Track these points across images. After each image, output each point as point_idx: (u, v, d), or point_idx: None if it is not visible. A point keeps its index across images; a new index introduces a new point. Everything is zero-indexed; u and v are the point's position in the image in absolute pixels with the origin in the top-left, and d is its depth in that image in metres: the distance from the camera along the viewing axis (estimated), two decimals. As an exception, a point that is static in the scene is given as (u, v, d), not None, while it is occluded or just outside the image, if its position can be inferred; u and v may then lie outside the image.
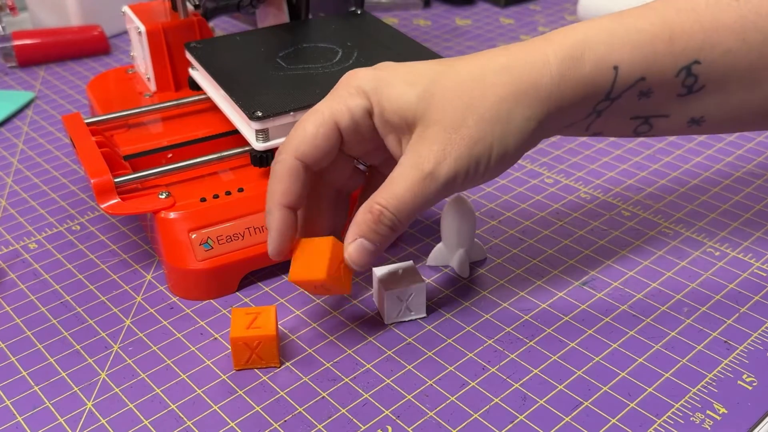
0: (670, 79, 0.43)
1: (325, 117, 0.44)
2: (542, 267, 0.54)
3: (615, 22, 0.43)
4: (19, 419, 0.44)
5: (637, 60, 0.42)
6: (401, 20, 0.97)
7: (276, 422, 0.44)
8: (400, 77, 0.43)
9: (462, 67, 0.44)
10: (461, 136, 0.42)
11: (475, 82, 0.42)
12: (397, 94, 0.43)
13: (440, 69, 0.44)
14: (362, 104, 0.43)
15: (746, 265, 0.54)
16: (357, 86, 0.44)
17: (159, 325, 0.51)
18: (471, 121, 0.42)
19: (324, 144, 0.44)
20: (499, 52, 0.44)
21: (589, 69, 0.42)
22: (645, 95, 0.43)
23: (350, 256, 0.44)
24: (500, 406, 0.44)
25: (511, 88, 0.42)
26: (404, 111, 0.43)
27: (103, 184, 0.51)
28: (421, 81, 0.43)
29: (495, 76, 0.43)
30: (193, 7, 0.64)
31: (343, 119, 0.44)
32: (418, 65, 0.45)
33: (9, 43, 0.86)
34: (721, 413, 0.43)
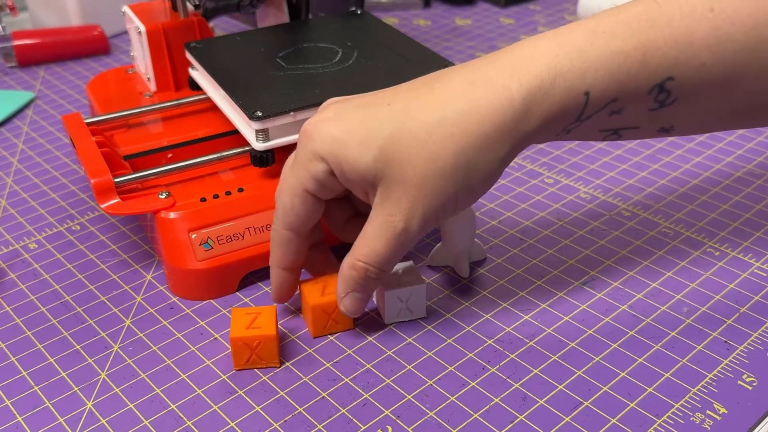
0: (642, 97, 0.42)
1: (295, 187, 0.45)
2: (542, 267, 0.54)
3: (587, 42, 0.41)
4: (19, 419, 0.44)
5: (610, 83, 0.41)
6: (401, 20, 0.97)
7: (276, 422, 0.44)
8: (354, 137, 0.42)
9: (419, 114, 0.42)
10: (425, 193, 0.42)
11: (432, 135, 0.41)
12: (353, 158, 0.42)
13: (396, 120, 0.42)
14: (322, 168, 0.43)
15: (746, 265, 0.54)
16: (313, 151, 0.43)
17: (159, 325, 0.51)
18: (432, 176, 0.42)
19: (304, 211, 0.45)
20: (458, 89, 0.42)
21: (559, 98, 0.41)
22: (616, 113, 0.42)
23: (346, 308, 0.47)
24: (500, 406, 0.44)
25: (472, 135, 0.41)
26: (363, 172, 0.42)
27: (103, 184, 0.51)
28: (376, 139, 0.42)
29: (453, 125, 0.41)
30: (193, 7, 0.64)
31: (309, 185, 0.44)
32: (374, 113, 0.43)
33: (9, 43, 0.86)
34: (721, 413, 0.43)
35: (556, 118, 0.42)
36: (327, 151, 0.43)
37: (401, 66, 0.58)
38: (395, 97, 0.44)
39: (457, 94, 0.42)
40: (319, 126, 0.44)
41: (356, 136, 0.42)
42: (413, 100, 0.43)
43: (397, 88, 0.45)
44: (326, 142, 0.43)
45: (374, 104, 0.43)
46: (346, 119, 0.43)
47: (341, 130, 0.43)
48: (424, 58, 0.59)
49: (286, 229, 0.46)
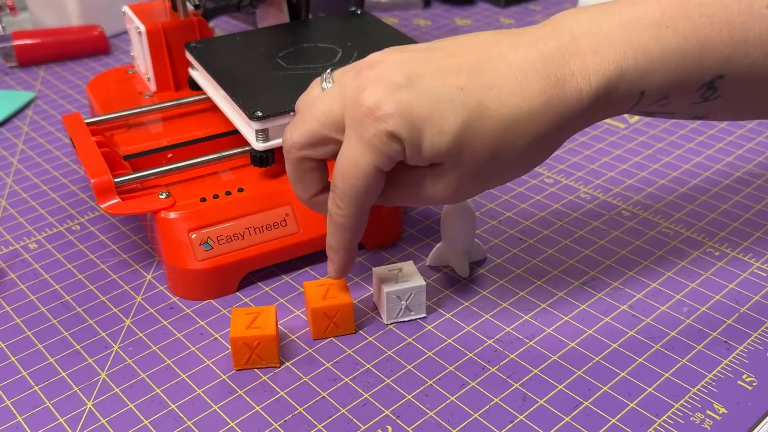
0: (690, 93, 0.42)
1: (369, 170, 0.42)
2: (542, 267, 0.54)
3: (653, 40, 0.40)
4: (19, 419, 0.44)
5: (665, 82, 0.41)
6: (401, 20, 0.97)
7: (276, 422, 0.44)
8: (431, 124, 0.41)
9: (495, 107, 0.41)
10: (481, 179, 0.43)
11: (506, 132, 0.41)
12: (429, 144, 0.41)
13: (471, 110, 0.41)
14: (398, 149, 0.42)
15: (746, 265, 0.54)
16: (389, 133, 0.41)
17: (159, 325, 0.51)
18: (493, 168, 0.42)
19: (377, 190, 0.44)
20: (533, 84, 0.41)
21: (618, 97, 0.41)
22: (661, 105, 0.43)
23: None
24: (500, 406, 0.44)
25: (540, 135, 0.41)
26: (434, 156, 0.42)
27: (103, 184, 0.51)
28: (451, 127, 0.41)
29: (527, 124, 0.41)
30: (193, 7, 0.64)
31: (385, 165, 0.43)
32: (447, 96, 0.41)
33: (9, 43, 0.86)
34: (721, 413, 0.43)
35: (609, 112, 0.42)
36: (404, 134, 0.41)
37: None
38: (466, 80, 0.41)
39: (532, 89, 0.41)
40: (389, 106, 0.41)
41: (433, 123, 0.41)
42: (487, 90, 0.41)
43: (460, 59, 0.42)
44: (402, 126, 0.41)
45: (445, 84, 0.41)
46: (419, 99, 0.41)
47: (417, 115, 0.41)
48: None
49: (359, 211, 0.44)
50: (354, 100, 0.42)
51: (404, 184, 0.44)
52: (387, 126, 0.41)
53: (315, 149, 0.44)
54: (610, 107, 0.42)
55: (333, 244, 0.47)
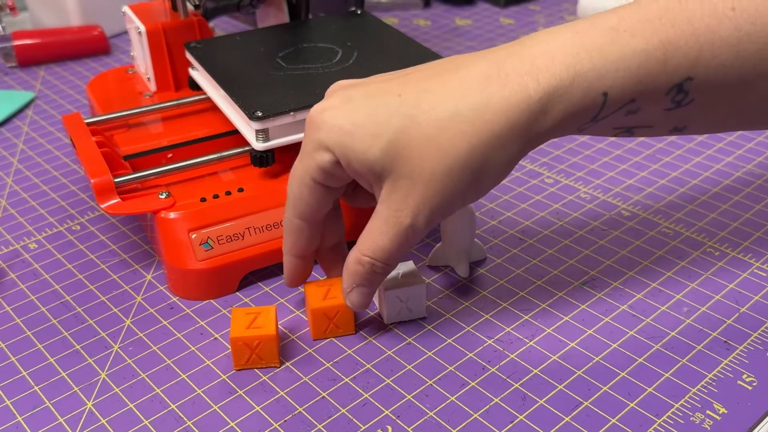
0: (660, 97, 0.41)
1: (303, 176, 0.44)
2: (542, 267, 0.54)
3: (609, 41, 0.40)
4: (19, 419, 0.44)
5: (629, 84, 0.40)
6: (401, 20, 0.97)
7: (276, 422, 0.44)
8: (362, 129, 0.41)
9: (430, 109, 0.41)
10: (433, 189, 0.41)
11: (443, 131, 0.40)
12: (360, 150, 0.41)
13: (406, 113, 0.41)
14: (328, 158, 0.42)
15: (746, 265, 0.54)
16: (319, 141, 0.42)
17: (159, 325, 0.51)
18: (441, 173, 0.41)
19: (312, 200, 0.45)
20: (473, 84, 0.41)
21: (576, 98, 0.40)
22: (632, 113, 0.42)
23: (353, 303, 0.47)
24: (500, 406, 0.44)
25: (484, 133, 0.40)
26: (371, 165, 0.41)
27: (103, 184, 0.51)
28: (385, 132, 0.41)
29: (465, 122, 0.40)
30: (193, 7, 0.64)
31: (316, 175, 0.44)
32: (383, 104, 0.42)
33: (9, 43, 0.86)
34: (721, 413, 0.43)
35: (571, 118, 0.41)
36: (333, 142, 0.42)
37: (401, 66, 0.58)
38: (406, 87, 0.42)
39: (472, 89, 0.41)
40: (326, 114, 0.42)
41: (364, 128, 0.41)
42: (425, 93, 0.41)
43: (409, 75, 0.43)
44: (333, 132, 0.42)
45: (384, 93, 0.42)
46: (353, 109, 0.42)
47: (349, 121, 0.42)
48: (424, 58, 0.59)
49: (296, 218, 0.46)
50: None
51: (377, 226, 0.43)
52: (319, 134, 0.42)
53: None
54: (573, 113, 0.41)
55: (283, 248, 0.48)
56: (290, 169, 0.55)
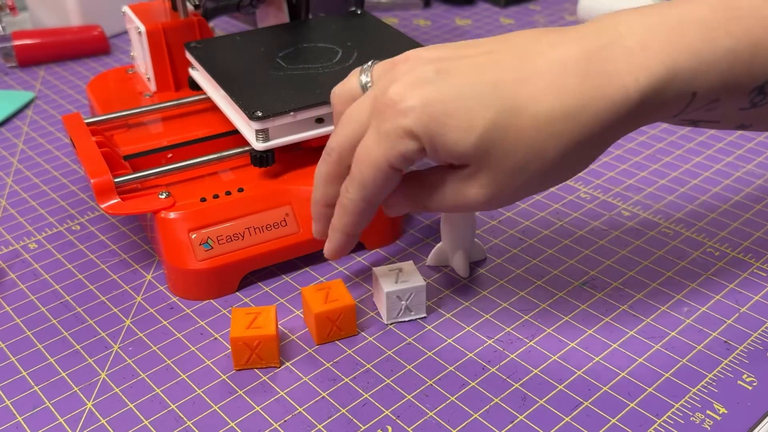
0: (740, 98, 0.40)
1: (380, 162, 0.41)
2: (542, 267, 0.54)
3: (703, 42, 0.39)
4: (19, 419, 0.44)
5: (716, 84, 0.39)
6: (401, 20, 0.97)
7: (276, 422, 0.44)
8: (455, 121, 0.39)
9: (527, 105, 0.39)
10: (518, 183, 0.41)
11: (540, 132, 0.39)
12: (452, 141, 0.39)
13: (501, 106, 0.39)
14: (414, 147, 0.40)
15: (746, 265, 0.54)
16: (406, 129, 0.40)
17: (159, 325, 0.51)
18: (530, 171, 0.40)
19: (385, 185, 0.43)
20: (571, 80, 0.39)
21: (668, 98, 0.39)
22: (710, 110, 0.41)
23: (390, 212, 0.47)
24: (500, 406, 0.44)
25: (579, 135, 0.39)
26: (458, 156, 0.40)
27: (103, 184, 0.51)
28: (478, 125, 0.39)
29: (563, 124, 0.39)
30: (193, 7, 0.64)
31: (397, 162, 0.41)
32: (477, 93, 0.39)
33: (9, 43, 0.86)
34: (721, 413, 0.43)
35: (658, 115, 0.40)
36: (423, 131, 0.39)
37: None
38: (499, 75, 0.40)
39: (568, 84, 0.39)
40: (413, 99, 0.39)
41: (457, 120, 0.39)
42: (521, 86, 0.39)
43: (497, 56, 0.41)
44: (422, 121, 0.39)
45: (476, 82, 0.40)
46: (444, 96, 0.39)
47: (440, 111, 0.39)
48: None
49: (363, 201, 0.44)
50: (381, 91, 0.41)
51: (439, 188, 0.43)
52: (406, 121, 0.40)
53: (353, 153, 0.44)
54: (658, 109, 0.40)
55: (335, 224, 0.47)
56: (290, 169, 0.56)
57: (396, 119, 0.40)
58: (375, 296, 0.51)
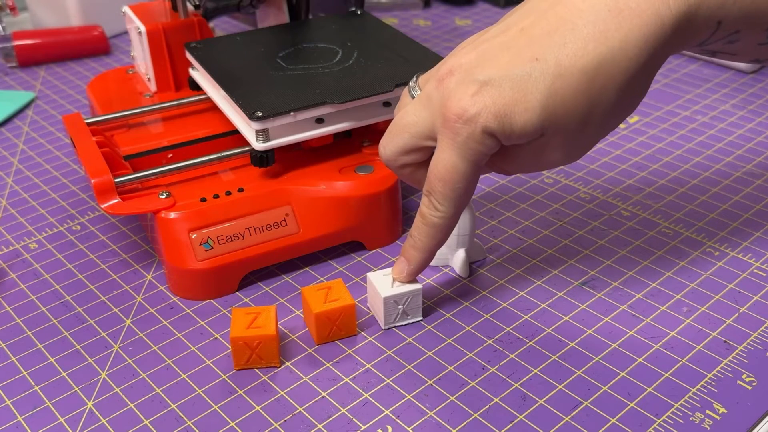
0: (760, 32, 0.42)
1: (470, 171, 0.44)
2: (542, 267, 0.54)
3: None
4: (19, 419, 0.44)
5: (739, 16, 0.41)
6: (401, 20, 0.97)
7: (276, 422, 0.44)
8: (517, 107, 0.41)
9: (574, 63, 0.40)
10: (587, 134, 0.43)
11: (593, 82, 0.40)
12: (521, 126, 0.41)
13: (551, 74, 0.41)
14: (493, 144, 0.43)
15: (746, 265, 0.54)
16: (483, 132, 0.42)
17: (159, 325, 0.51)
18: (596, 122, 0.42)
19: (474, 187, 0.45)
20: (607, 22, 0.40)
21: (697, 25, 0.41)
22: (730, 42, 0.43)
23: None
24: (500, 406, 0.44)
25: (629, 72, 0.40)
26: (531, 134, 0.42)
27: (103, 184, 0.51)
28: (536, 100, 0.41)
29: (612, 66, 0.40)
30: (193, 7, 0.64)
31: (482, 161, 0.44)
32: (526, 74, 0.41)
33: (9, 43, 0.86)
34: (720, 413, 0.43)
35: (687, 42, 0.42)
36: (496, 128, 0.42)
37: (401, 66, 0.58)
38: (535, 46, 0.41)
39: (609, 28, 0.40)
40: (475, 106, 0.42)
41: (518, 105, 0.41)
42: (561, 48, 0.41)
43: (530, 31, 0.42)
44: (491, 120, 0.42)
45: (518, 63, 0.41)
46: (499, 90, 0.41)
47: (502, 104, 0.41)
48: (424, 58, 0.59)
49: (458, 212, 0.46)
50: (441, 110, 0.43)
51: (517, 157, 0.45)
52: (478, 126, 0.42)
53: (409, 156, 0.46)
54: (688, 38, 0.41)
55: (420, 245, 0.47)
56: (290, 169, 0.56)
57: (469, 128, 0.42)
58: (370, 302, 0.51)
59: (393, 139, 0.46)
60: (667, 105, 0.74)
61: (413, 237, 0.47)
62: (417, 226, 0.47)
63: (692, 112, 0.73)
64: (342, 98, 0.54)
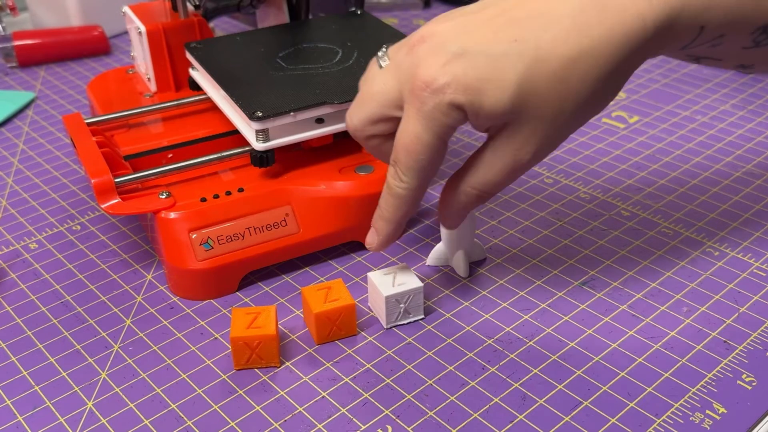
0: (744, 36, 0.42)
1: (434, 142, 0.43)
2: (542, 267, 0.54)
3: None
4: (19, 419, 0.44)
5: (723, 20, 0.41)
6: (401, 20, 0.97)
7: (276, 422, 0.44)
8: (490, 84, 0.40)
9: (553, 49, 0.40)
10: (557, 127, 0.42)
11: (571, 72, 0.40)
12: (490, 104, 0.40)
13: (529, 57, 0.40)
14: (460, 117, 0.42)
15: (746, 265, 0.54)
16: (450, 103, 0.41)
17: (159, 324, 0.51)
18: (569, 111, 0.41)
19: (440, 160, 0.44)
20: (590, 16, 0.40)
21: (679, 29, 0.41)
22: (714, 46, 0.42)
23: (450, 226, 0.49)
24: (500, 406, 0.44)
25: (606, 68, 0.40)
26: (499, 115, 0.41)
27: (103, 184, 0.51)
28: (510, 81, 0.40)
29: (591, 59, 0.40)
30: (193, 7, 0.64)
31: (446, 135, 0.43)
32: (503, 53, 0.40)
33: (9, 43, 0.86)
34: (720, 413, 0.43)
35: (669, 45, 0.42)
36: (464, 101, 0.41)
37: (401, 66, 0.58)
38: (518, 30, 0.41)
39: (592, 22, 0.40)
40: (446, 74, 0.41)
41: (491, 82, 0.40)
42: (542, 33, 0.40)
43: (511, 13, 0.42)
44: (460, 92, 0.41)
45: (497, 40, 0.41)
46: (474, 63, 0.40)
47: (475, 77, 0.40)
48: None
49: (422, 184, 0.45)
50: (410, 76, 0.42)
51: (491, 162, 0.44)
52: (446, 97, 0.41)
53: (377, 127, 0.45)
54: (669, 41, 0.41)
55: (387, 216, 0.46)
56: (290, 169, 0.56)
57: (436, 98, 0.41)
58: (371, 301, 0.51)
59: (360, 108, 0.45)
60: (667, 105, 0.74)
61: (380, 207, 0.47)
62: (383, 196, 0.46)
63: (692, 112, 0.73)
64: (342, 98, 0.54)
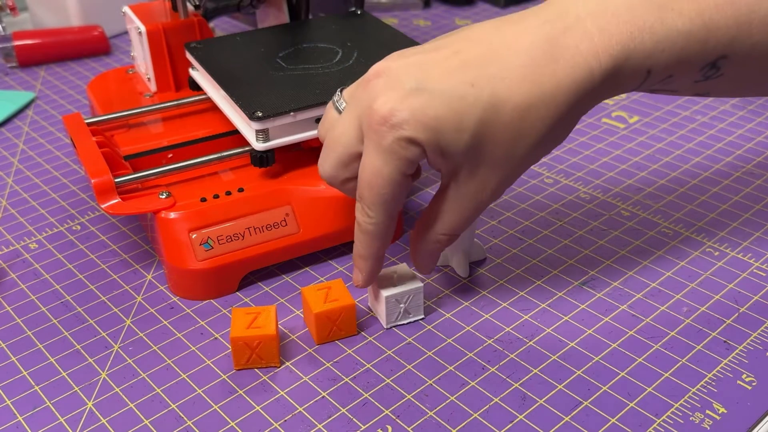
0: (693, 73, 0.43)
1: (395, 177, 0.43)
2: (542, 267, 0.54)
3: (658, 20, 0.41)
4: (19, 419, 0.44)
5: (670, 62, 0.42)
6: (401, 20, 0.97)
7: (276, 422, 0.44)
8: (447, 125, 0.41)
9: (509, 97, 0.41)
10: (513, 169, 0.44)
11: (524, 120, 0.42)
12: (446, 144, 0.42)
13: (485, 103, 0.41)
14: (418, 152, 0.42)
15: (746, 265, 0.54)
16: (408, 138, 0.41)
17: (159, 324, 0.51)
18: (522, 155, 0.43)
19: (403, 194, 0.45)
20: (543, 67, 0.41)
21: (626, 74, 0.42)
22: (665, 84, 0.44)
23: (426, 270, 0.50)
24: (500, 406, 0.44)
25: (556, 116, 0.42)
26: (454, 156, 0.42)
27: (103, 184, 0.51)
28: (467, 124, 0.41)
29: (544, 108, 0.42)
30: (193, 7, 0.64)
31: (408, 169, 0.43)
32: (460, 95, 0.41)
33: (9, 44, 0.86)
34: (720, 413, 0.43)
35: (617, 89, 0.43)
36: (423, 138, 0.42)
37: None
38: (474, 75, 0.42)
39: (544, 73, 0.41)
40: (404, 111, 0.41)
41: (448, 122, 0.41)
42: (498, 81, 0.42)
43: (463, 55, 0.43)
44: (419, 130, 0.41)
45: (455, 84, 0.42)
46: (431, 102, 0.41)
47: (432, 116, 0.41)
48: (424, 59, 0.59)
49: (389, 218, 0.45)
50: (368, 110, 0.42)
51: (454, 208, 0.45)
52: (404, 132, 0.42)
53: (349, 168, 0.45)
54: (618, 85, 0.43)
55: (362, 253, 0.47)
56: (290, 169, 0.56)
57: (394, 132, 0.42)
58: (371, 302, 0.51)
59: (328, 155, 0.45)
60: (667, 105, 0.74)
61: (355, 245, 0.47)
62: (355, 233, 0.47)
63: (692, 112, 0.73)
64: (342, 98, 0.54)
